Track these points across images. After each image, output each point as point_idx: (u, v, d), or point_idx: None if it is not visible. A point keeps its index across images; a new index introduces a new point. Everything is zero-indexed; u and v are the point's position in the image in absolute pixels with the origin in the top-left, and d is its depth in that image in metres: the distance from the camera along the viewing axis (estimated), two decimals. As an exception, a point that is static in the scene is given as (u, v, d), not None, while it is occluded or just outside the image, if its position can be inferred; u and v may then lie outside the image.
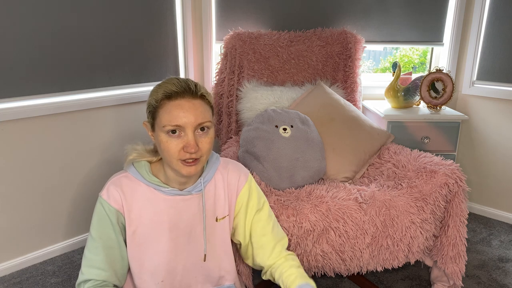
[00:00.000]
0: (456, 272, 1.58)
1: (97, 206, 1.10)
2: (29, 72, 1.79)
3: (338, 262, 1.46)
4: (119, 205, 1.08)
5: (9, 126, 1.78)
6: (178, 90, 1.00)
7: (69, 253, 2.05)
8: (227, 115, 2.23)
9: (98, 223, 1.09)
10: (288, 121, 1.74)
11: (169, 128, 0.99)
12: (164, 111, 1.00)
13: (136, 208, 1.10)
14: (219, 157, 1.21)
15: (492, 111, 2.31)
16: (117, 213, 1.09)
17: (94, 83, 2.01)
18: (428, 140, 2.10)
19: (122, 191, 1.08)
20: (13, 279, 1.84)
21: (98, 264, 1.08)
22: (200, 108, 1.01)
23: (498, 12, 2.20)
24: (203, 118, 1.01)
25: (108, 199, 1.08)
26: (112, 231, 1.09)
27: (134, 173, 1.10)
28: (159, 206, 1.11)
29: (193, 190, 1.12)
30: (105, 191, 1.09)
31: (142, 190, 1.10)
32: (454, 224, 1.55)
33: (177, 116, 0.99)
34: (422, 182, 1.54)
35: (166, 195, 1.11)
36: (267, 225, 1.21)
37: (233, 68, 2.17)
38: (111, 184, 1.09)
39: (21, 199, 1.88)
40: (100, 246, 1.08)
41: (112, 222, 1.08)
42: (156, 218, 1.11)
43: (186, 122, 0.99)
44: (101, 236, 1.08)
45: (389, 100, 2.26)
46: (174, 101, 1.00)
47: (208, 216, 1.15)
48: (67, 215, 2.04)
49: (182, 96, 1.00)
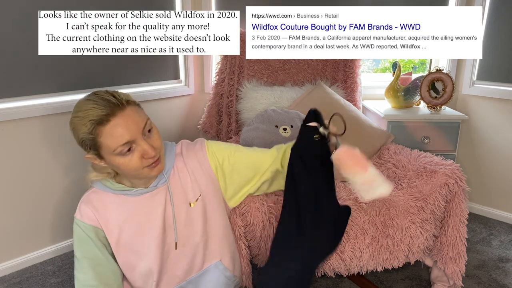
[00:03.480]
0: (456, 272, 1.58)
1: (74, 228, 1.12)
2: (29, 72, 1.79)
3: (338, 262, 1.46)
4: (94, 221, 1.10)
5: (9, 126, 1.78)
6: (104, 112, 0.96)
7: (69, 253, 2.04)
8: (227, 115, 2.23)
9: (79, 243, 1.11)
10: (288, 121, 1.73)
11: (121, 149, 0.97)
12: (105, 137, 0.97)
13: (112, 218, 1.12)
14: (174, 144, 1.22)
15: (492, 111, 2.30)
16: (95, 229, 1.11)
17: (94, 83, 2.01)
18: (428, 140, 2.10)
19: (94, 206, 1.11)
20: (13, 279, 1.84)
21: (89, 281, 1.10)
22: (134, 115, 1.00)
23: (498, 12, 2.20)
24: (142, 120, 1.01)
25: (82, 218, 1.10)
26: (95, 247, 1.11)
27: (100, 187, 1.13)
28: (132, 209, 1.12)
29: (158, 183, 1.13)
30: (77, 211, 1.12)
31: (111, 200, 1.12)
32: (454, 224, 1.55)
33: (122, 135, 0.96)
34: (422, 182, 1.54)
35: (135, 197, 1.12)
36: (244, 154, 1.23)
37: (233, 68, 2.17)
38: (81, 203, 1.12)
39: (21, 199, 1.88)
40: (86, 265, 1.10)
41: (92, 239, 1.10)
42: (134, 221, 1.13)
43: (132, 135, 0.98)
44: (85, 255, 1.10)
45: (389, 100, 2.26)
46: (108, 124, 0.96)
47: (180, 204, 1.16)
48: (67, 215, 2.04)
49: (113, 114, 0.96)
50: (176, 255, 1.18)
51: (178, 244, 1.16)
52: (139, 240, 1.13)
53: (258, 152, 1.24)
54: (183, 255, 1.18)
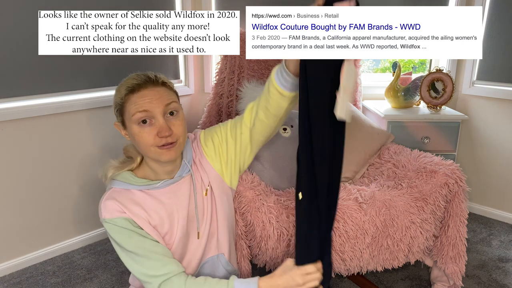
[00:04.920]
0: (456, 272, 1.58)
1: (108, 230, 1.07)
2: (29, 72, 1.79)
3: (338, 262, 1.46)
4: (124, 213, 1.07)
5: (9, 126, 1.78)
6: (139, 82, 1.04)
7: (69, 253, 2.05)
8: (227, 115, 2.23)
9: (122, 240, 1.06)
10: (288, 121, 1.73)
11: (138, 116, 1.02)
12: (130, 103, 1.03)
13: (140, 213, 1.09)
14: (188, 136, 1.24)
15: (492, 111, 2.30)
16: (128, 220, 1.07)
17: (94, 83, 2.01)
18: (428, 140, 2.10)
19: (119, 202, 1.08)
20: (13, 279, 1.84)
21: (158, 264, 1.06)
22: (164, 93, 1.05)
23: (498, 12, 2.20)
24: (168, 99, 1.05)
25: (111, 215, 1.06)
26: (138, 236, 1.07)
27: (120, 185, 1.10)
28: (159, 202, 1.11)
29: (183, 173, 1.14)
30: (103, 212, 1.07)
31: (136, 195, 1.10)
32: (454, 224, 1.55)
33: (143, 104, 1.02)
34: (422, 182, 1.54)
35: (161, 189, 1.12)
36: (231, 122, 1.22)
37: (233, 68, 2.17)
38: (105, 202, 1.08)
39: (21, 199, 1.88)
40: (143, 254, 1.05)
41: (131, 229, 1.07)
42: (161, 214, 1.11)
43: (153, 107, 1.02)
44: (137, 246, 1.06)
45: (389, 100, 2.26)
46: (137, 93, 1.03)
47: (199, 193, 1.17)
48: (67, 215, 2.04)
49: (145, 86, 1.04)
50: (194, 246, 1.18)
51: (199, 234, 1.17)
52: (168, 232, 1.13)
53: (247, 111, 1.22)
54: (199, 246, 1.19)
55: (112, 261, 1.98)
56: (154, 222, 1.10)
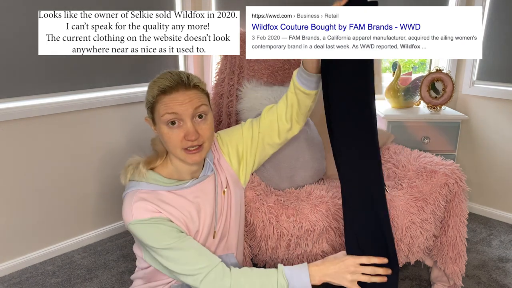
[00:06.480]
0: (456, 272, 1.58)
1: (141, 231, 1.04)
2: (29, 72, 1.79)
3: (338, 262, 1.46)
4: (159, 213, 1.06)
5: (9, 126, 1.78)
6: (171, 84, 1.04)
7: (69, 253, 2.05)
8: (227, 115, 2.23)
9: (156, 237, 1.04)
10: (288, 121, 1.73)
11: (167, 117, 1.03)
12: (161, 104, 1.04)
13: (174, 212, 1.09)
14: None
15: (492, 111, 2.30)
16: (165, 218, 1.06)
17: (95, 83, 2.01)
18: (428, 140, 2.10)
19: (151, 202, 1.06)
20: (13, 279, 1.84)
21: (202, 258, 1.05)
22: (195, 96, 1.06)
23: (498, 12, 2.20)
24: (198, 102, 1.05)
25: (141, 215, 1.04)
26: (177, 232, 1.06)
27: (147, 187, 1.09)
28: (187, 200, 1.12)
29: (208, 172, 1.17)
30: (135, 214, 1.04)
31: (164, 196, 1.09)
32: (454, 224, 1.55)
33: (173, 107, 1.03)
34: (422, 182, 1.54)
35: (189, 189, 1.13)
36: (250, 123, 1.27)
37: (233, 68, 2.17)
38: (135, 204, 1.05)
39: (21, 199, 1.88)
40: (180, 248, 1.04)
41: (165, 224, 1.05)
42: (190, 212, 1.12)
43: (182, 110, 1.03)
44: (177, 240, 1.05)
45: (389, 100, 2.26)
46: (169, 95, 1.04)
47: (219, 193, 1.19)
48: (67, 215, 2.04)
49: (176, 89, 1.04)
50: (208, 245, 1.18)
51: (215, 234, 1.18)
52: (198, 230, 1.13)
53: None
54: (212, 245, 1.19)
55: (112, 261, 1.98)
56: (187, 220, 1.11)
